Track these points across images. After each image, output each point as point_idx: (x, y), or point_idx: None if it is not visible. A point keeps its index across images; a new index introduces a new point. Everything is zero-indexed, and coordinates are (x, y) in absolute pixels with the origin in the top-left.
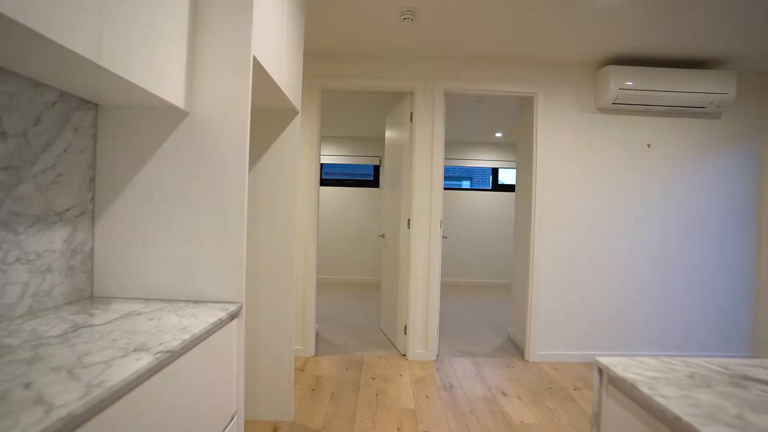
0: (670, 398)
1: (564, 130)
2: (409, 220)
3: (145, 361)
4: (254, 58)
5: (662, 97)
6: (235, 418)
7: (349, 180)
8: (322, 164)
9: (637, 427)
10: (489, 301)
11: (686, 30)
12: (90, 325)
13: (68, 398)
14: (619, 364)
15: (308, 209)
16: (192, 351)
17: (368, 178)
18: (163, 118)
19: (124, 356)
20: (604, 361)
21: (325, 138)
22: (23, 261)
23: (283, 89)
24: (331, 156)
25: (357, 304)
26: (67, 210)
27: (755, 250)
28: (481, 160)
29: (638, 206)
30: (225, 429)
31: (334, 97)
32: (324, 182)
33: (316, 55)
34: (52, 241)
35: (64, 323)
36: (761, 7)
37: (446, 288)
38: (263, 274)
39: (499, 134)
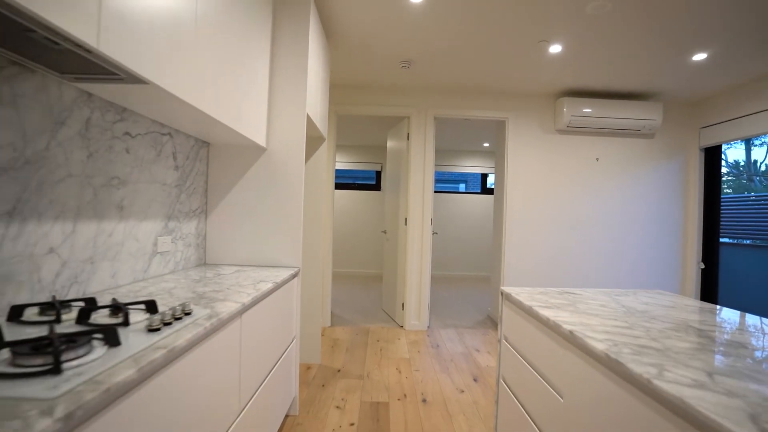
0: (522, 297)
1: (530, 147)
2: (405, 219)
3: (270, 284)
4: (307, 115)
5: (605, 122)
6: (295, 341)
7: (354, 184)
8: None
9: (514, 317)
10: (477, 290)
11: (620, 72)
12: (223, 274)
13: (251, 291)
14: (509, 289)
15: (325, 210)
16: (280, 290)
17: (371, 182)
18: (251, 152)
19: (258, 283)
20: (503, 287)
21: None
22: (182, 238)
23: (318, 126)
24: (338, 162)
25: (362, 291)
26: (197, 209)
27: (681, 240)
28: (473, 166)
29: (589, 208)
30: (289, 346)
31: (345, 114)
32: None
33: (333, 88)
34: (191, 227)
35: (209, 273)
36: (675, 55)
37: (441, 279)
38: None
39: (486, 144)
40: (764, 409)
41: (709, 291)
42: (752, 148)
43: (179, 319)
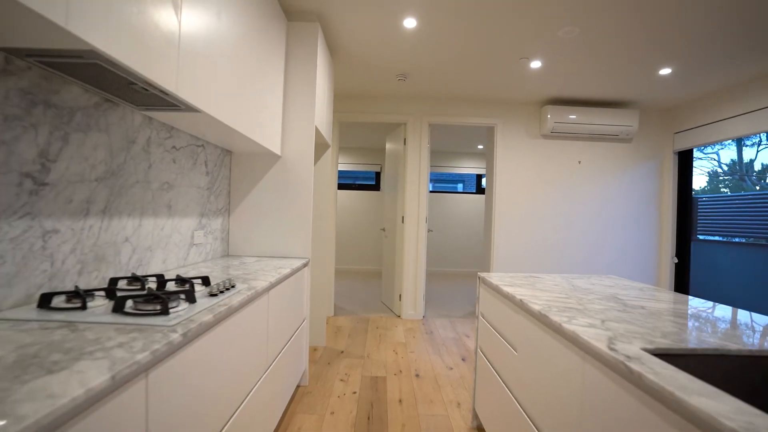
0: (494, 279)
1: (517, 151)
2: (403, 217)
3: (288, 269)
4: (316, 127)
5: (586, 128)
6: (305, 321)
7: (355, 184)
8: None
9: (489, 298)
10: (471, 285)
11: (597, 83)
12: (247, 262)
13: (274, 274)
14: (484, 274)
15: (328, 209)
16: (294, 276)
17: (371, 183)
18: (267, 160)
19: (277, 269)
20: (480, 273)
21: None
22: (211, 232)
23: (323, 134)
24: (340, 164)
25: (362, 286)
26: (222, 208)
27: (657, 237)
28: (469, 167)
29: (572, 207)
30: (300, 325)
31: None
32: None
33: (336, 98)
34: (218, 223)
35: (235, 262)
36: (643, 70)
37: (438, 275)
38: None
39: (481, 146)
40: (621, 335)
41: (682, 283)
42: (743, 148)
43: (228, 289)
